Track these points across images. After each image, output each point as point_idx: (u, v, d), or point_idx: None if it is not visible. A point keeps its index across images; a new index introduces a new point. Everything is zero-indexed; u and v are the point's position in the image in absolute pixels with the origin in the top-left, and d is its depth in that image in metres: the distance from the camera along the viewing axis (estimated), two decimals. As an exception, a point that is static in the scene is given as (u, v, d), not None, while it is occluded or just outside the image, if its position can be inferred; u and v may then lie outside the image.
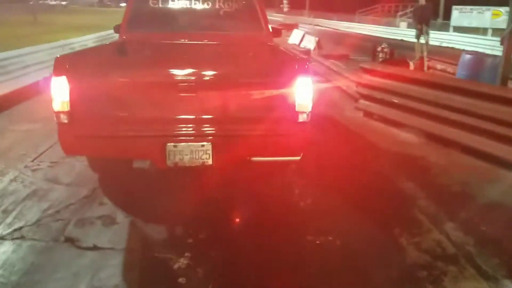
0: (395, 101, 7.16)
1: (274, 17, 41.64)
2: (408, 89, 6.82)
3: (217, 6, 5.24)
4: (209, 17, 5.35)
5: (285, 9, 33.22)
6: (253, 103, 3.42)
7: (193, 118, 3.41)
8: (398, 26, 32.43)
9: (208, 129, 3.42)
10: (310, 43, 19.79)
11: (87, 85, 3.36)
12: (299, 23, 31.45)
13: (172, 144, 3.37)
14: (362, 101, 7.98)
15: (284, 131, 3.47)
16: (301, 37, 21.80)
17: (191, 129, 3.41)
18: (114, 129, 3.40)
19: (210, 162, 3.42)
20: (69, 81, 3.30)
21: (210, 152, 3.39)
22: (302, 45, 20.82)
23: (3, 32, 22.26)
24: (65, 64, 3.34)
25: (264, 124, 3.40)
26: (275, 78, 3.44)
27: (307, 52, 14.75)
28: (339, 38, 26.32)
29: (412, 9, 20.39)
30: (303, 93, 3.41)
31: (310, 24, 39.38)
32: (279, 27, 6.94)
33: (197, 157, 3.40)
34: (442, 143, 6.08)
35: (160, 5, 5.19)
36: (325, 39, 21.35)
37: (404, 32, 28.17)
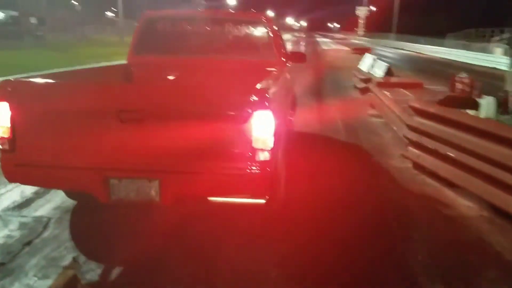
0: (453, 155, 5.18)
1: (357, 40, 40.30)
2: (472, 142, 4.86)
3: (225, 30, 5.07)
4: (216, 42, 5.17)
5: (360, 33, 31.05)
6: (205, 137, 3.08)
7: (139, 151, 3.16)
8: (492, 53, 28.88)
9: (155, 164, 3.15)
10: (379, 69, 17.68)
11: (29, 112, 3.25)
12: (377, 47, 29.28)
13: (116, 178, 3.18)
14: (411, 148, 6.08)
15: (239, 169, 3.11)
16: (371, 62, 19.72)
17: (136, 163, 3.16)
18: (56, 159, 3.26)
19: (157, 199, 3.19)
20: (10, 107, 3.20)
21: (157, 189, 3.16)
22: (372, 72, 18.81)
23: (86, 51, 22.85)
24: (7, 89, 3.25)
25: (217, 161, 3.10)
26: (229, 110, 3.06)
27: (366, 80, 12.78)
28: (419, 63, 23.84)
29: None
30: (261, 128, 3.04)
31: (392, 47, 36.92)
32: (345, 48, 6.16)
33: (143, 194, 3.18)
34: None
35: (168, 29, 5.16)
36: (402, 64, 19.20)
37: (498, 59, 24.80)
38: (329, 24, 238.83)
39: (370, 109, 9.76)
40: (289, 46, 50.22)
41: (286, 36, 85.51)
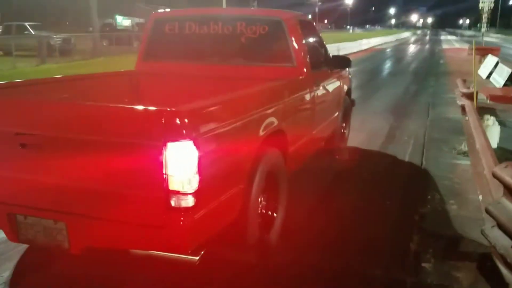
0: None
1: (489, 38, 34.66)
2: None
3: (238, 32, 4.37)
4: (227, 46, 4.55)
5: (482, 30, 25.99)
6: (112, 174, 2.51)
7: (43, 184, 2.69)
8: None
9: (60, 203, 2.68)
10: (500, 76, 13.63)
11: None
12: (505, 47, 24.09)
13: (23, 215, 2.76)
14: None
15: (152, 219, 2.44)
16: (493, 67, 15.55)
17: (41, 199, 2.72)
18: None
19: (66, 246, 2.70)
20: None
21: (65, 233, 2.67)
22: (491, 79, 14.73)
23: (110, 61, 21.95)
24: None
25: (126, 206, 2.50)
26: (137, 139, 2.41)
27: (469, 95, 9.19)
28: None
29: None
30: (177, 164, 2.35)
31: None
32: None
33: (50, 237, 2.71)
34: None
35: (177, 32, 4.61)
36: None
37: None
38: (459, 21, 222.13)
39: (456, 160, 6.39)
40: (402, 45, 46.19)
41: (405, 35, 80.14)
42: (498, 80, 13.64)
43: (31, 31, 27.14)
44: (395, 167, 5.83)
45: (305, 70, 4.28)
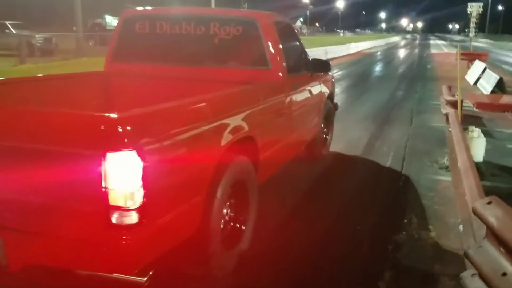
0: None
1: (478, 43, 34.62)
2: None
3: (211, 33, 4.18)
4: (199, 47, 4.29)
5: (471, 35, 25.84)
6: (52, 186, 2.28)
7: None
8: None
9: None
10: (488, 82, 13.26)
11: None
12: (500, 51, 23.86)
13: None
14: None
15: (90, 236, 2.24)
16: (480, 73, 15.20)
17: None
18: None
19: (4, 262, 2.43)
20: None
21: (2, 249, 2.39)
22: (478, 85, 14.37)
23: None
24: None
25: (65, 221, 2.29)
26: (74, 147, 2.21)
27: (453, 103, 8.75)
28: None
29: None
30: (117, 176, 2.14)
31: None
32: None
33: None
34: None
35: (147, 32, 4.38)
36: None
37: None
38: (449, 26, 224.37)
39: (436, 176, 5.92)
40: (391, 49, 46.02)
41: (394, 39, 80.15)
42: (486, 86, 13.26)
43: (12, 30, 26.36)
44: (371, 184, 5.32)
45: (280, 73, 4.07)
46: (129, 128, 2.13)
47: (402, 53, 40.60)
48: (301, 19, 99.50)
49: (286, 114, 4.20)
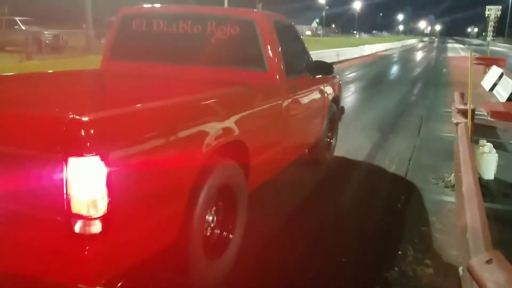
0: None
1: (497, 47, 33.50)
2: None
3: (208, 32, 4.10)
4: (196, 46, 4.19)
5: (488, 39, 24.95)
6: (12, 189, 2.20)
7: None
8: None
9: None
10: (505, 89, 12.53)
11: None
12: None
13: None
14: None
15: (53, 245, 2.13)
16: (497, 79, 14.46)
17: None
18: None
19: None
20: None
21: None
22: (494, 92, 13.63)
23: None
24: None
25: (28, 227, 2.18)
26: (36, 150, 2.12)
27: (464, 112, 8.09)
28: None
29: None
30: (79, 183, 2.04)
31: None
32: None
33: None
34: None
35: (144, 30, 4.34)
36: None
37: None
38: (468, 29, 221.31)
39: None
40: (406, 51, 45.10)
41: (411, 41, 78.84)
42: (502, 93, 12.54)
43: (22, 26, 26.26)
44: (366, 204, 4.74)
45: (277, 76, 3.95)
46: (92, 131, 2.00)
47: (418, 56, 39.64)
48: (317, 20, 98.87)
49: (283, 118, 4.03)
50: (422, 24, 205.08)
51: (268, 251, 3.56)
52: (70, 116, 1.99)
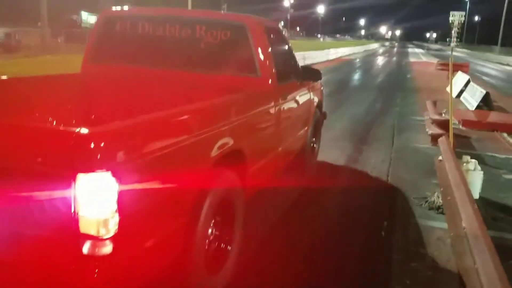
0: None
1: (455, 53, 34.31)
2: None
3: (197, 36, 4.01)
4: (184, 51, 4.11)
5: (452, 44, 25.36)
6: (15, 208, 2.08)
7: None
8: None
9: None
10: (472, 97, 12.44)
11: None
12: (476, 61, 23.41)
13: None
14: None
15: (59, 268, 2.05)
16: (463, 85, 14.43)
17: None
18: None
19: None
20: None
21: None
22: (462, 98, 13.57)
23: None
24: None
25: (28, 249, 2.08)
26: (42, 166, 1.97)
27: (441, 122, 7.76)
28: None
29: None
30: (88, 201, 1.93)
31: (496, 62, 30.16)
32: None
33: None
34: None
35: (128, 32, 4.20)
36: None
37: None
38: (427, 34, 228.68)
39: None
40: (370, 56, 45.61)
41: (373, 46, 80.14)
42: (470, 101, 12.43)
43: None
44: (344, 233, 4.20)
45: (270, 81, 3.91)
46: (102, 144, 1.91)
47: (381, 60, 40.09)
48: (282, 23, 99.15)
49: (276, 124, 3.99)
50: (383, 29, 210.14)
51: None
52: (79, 130, 1.87)
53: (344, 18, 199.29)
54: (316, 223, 4.30)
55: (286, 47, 4.83)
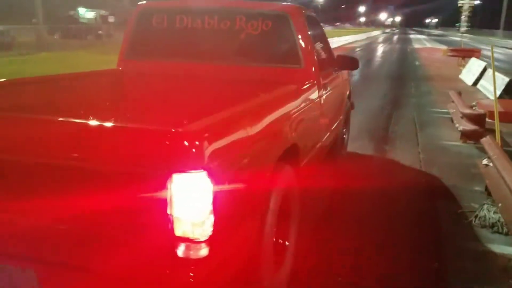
0: None
1: (458, 38, 33.40)
2: None
3: (237, 28, 3.93)
4: (224, 43, 4.05)
5: (462, 29, 24.50)
6: (101, 212, 1.99)
7: (11, 226, 2.19)
8: None
9: (29, 248, 2.16)
10: (492, 85, 11.62)
11: None
12: (481, 45, 22.61)
13: None
14: None
15: (148, 273, 1.97)
16: (480, 72, 13.63)
17: (3, 241, 2.21)
18: None
19: None
20: None
21: (35, 283, 2.15)
22: (479, 86, 12.80)
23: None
24: None
25: (118, 254, 2.01)
26: (132, 167, 1.92)
27: (475, 117, 7.01)
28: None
29: None
30: (185, 202, 1.88)
31: (500, 46, 29.34)
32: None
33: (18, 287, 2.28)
34: None
35: (166, 26, 4.11)
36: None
37: None
38: (427, 20, 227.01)
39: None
40: (373, 43, 44.69)
41: (374, 33, 78.96)
42: (490, 89, 11.64)
43: (-39, 22, 24.00)
44: (386, 264, 3.49)
45: (313, 72, 3.85)
46: (197, 143, 1.84)
47: (385, 47, 39.20)
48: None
49: (320, 115, 3.95)
50: (383, 16, 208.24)
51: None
52: (174, 128, 1.84)
53: (343, 5, 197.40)
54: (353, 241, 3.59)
55: (324, 35, 4.78)
